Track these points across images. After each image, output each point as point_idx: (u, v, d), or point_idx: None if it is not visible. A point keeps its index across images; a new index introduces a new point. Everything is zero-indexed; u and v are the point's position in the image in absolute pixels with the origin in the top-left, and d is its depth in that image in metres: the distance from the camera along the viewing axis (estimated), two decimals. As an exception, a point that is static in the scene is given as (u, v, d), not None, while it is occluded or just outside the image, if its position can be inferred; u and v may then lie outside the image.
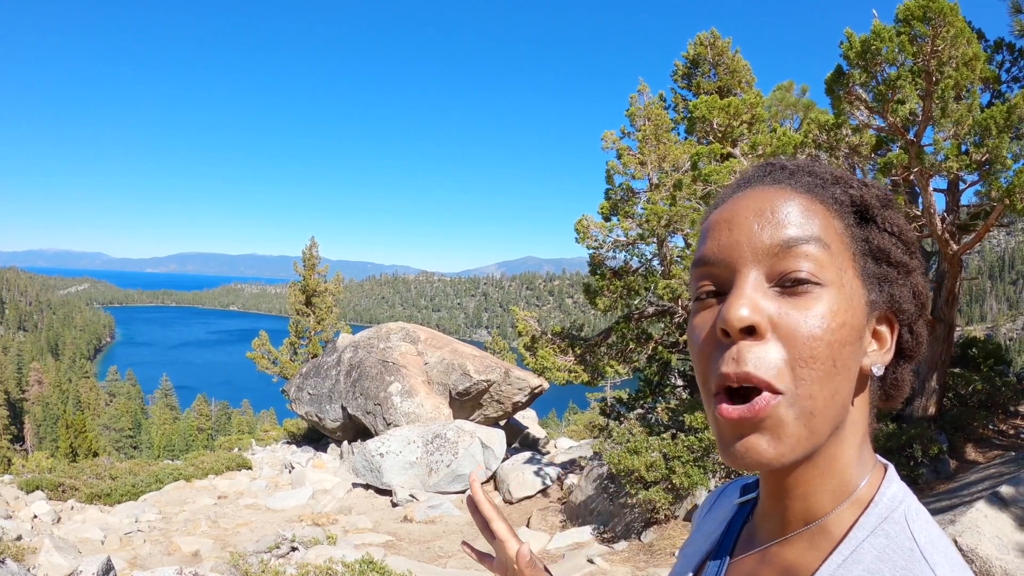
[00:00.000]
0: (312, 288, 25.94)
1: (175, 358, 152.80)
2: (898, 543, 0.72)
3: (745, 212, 0.78)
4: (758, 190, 0.80)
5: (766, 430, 0.71)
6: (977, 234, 8.80)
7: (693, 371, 3.77)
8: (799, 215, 0.75)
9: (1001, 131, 7.45)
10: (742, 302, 0.72)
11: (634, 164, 13.57)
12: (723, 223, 0.79)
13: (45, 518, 11.35)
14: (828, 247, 0.74)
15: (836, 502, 0.77)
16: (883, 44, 7.66)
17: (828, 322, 0.71)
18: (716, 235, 0.79)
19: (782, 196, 0.77)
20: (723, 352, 0.73)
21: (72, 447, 40.31)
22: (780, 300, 0.73)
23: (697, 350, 0.78)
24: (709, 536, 0.99)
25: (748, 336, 0.72)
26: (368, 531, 10.59)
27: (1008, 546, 5.38)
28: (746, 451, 0.72)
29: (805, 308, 0.72)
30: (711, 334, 0.76)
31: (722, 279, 0.77)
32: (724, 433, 0.74)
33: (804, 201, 0.77)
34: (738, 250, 0.76)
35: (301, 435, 21.04)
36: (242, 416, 63.05)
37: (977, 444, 9.34)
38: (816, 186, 0.79)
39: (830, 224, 0.76)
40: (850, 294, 0.74)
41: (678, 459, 8.88)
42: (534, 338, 13.35)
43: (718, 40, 14.86)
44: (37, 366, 75.12)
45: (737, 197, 0.81)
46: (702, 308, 0.79)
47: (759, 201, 0.78)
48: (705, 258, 0.79)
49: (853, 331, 0.74)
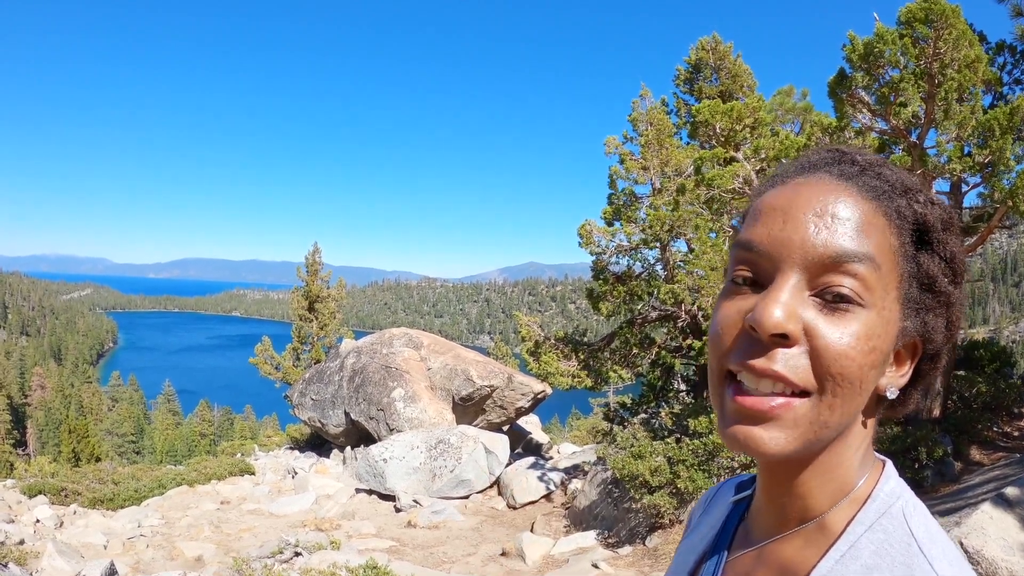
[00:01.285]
0: (315, 294, 25.93)
1: (178, 363, 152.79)
2: (896, 538, 0.73)
3: (804, 206, 0.74)
4: (823, 181, 0.76)
5: (775, 426, 0.71)
6: (980, 236, 8.79)
7: (696, 376, 3.80)
8: (859, 226, 0.72)
9: (1004, 133, 7.45)
10: (779, 307, 0.70)
11: (637, 169, 13.57)
12: (778, 211, 0.75)
13: (48, 523, 11.34)
14: (879, 268, 0.72)
15: (834, 501, 0.77)
16: (885, 46, 7.66)
17: (863, 345, 0.70)
18: (768, 222, 0.75)
19: (846, 198, 0.74)
20: (751, 343, 0.72)
21: (75, 452, 40.27)
22: (818, 311, 0.71)
23: (720, 331, 0.76)
24: (705, 535, 0.99)
25: (778, 341, 0.71)
26: (371, 536, 10.57)
27: (1014, 547, 5.37)
28: (746, 437, 0.72)
29: (842, 326, 0.70)
30: (740, 322, 0.74)
31: (763, 270, 0.75)
32: (731, 414, 0.74)
33: (867, 209, 0.73)
34: (788, 248, 0.73)
35: (304, 440, 21.03)
36: (245, 421, 63.06)
37: (981, 446, 9.31)
38: (883, 193, 0.75)
39: (886, 241, 0.73)
40: (887, 319, 0.72)
41: (682, 463, 8.86)
42: (537, 343, 13.36)
43: (720, 45, 14.89)
44: (40, 371, 75.12)
45: (799, 183, 0.77)
46: (736, 292, 0.77)
47: (821, 197, 0.74)
48: (751, 244, 0.76)
49: (882, 355, 0.72)
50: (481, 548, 9.90)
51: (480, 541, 10.31)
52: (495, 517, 11.67)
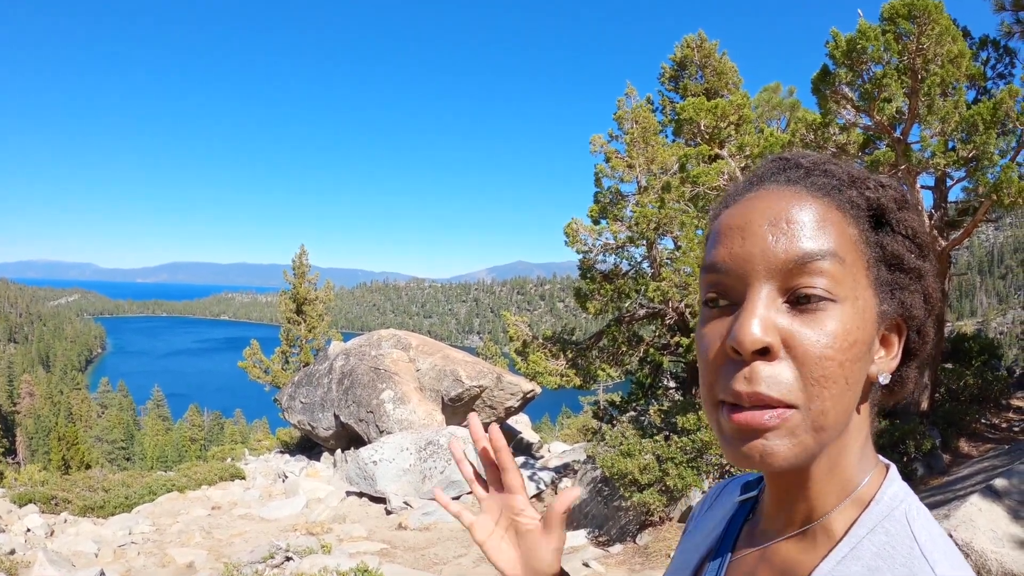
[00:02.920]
0: (303, 296, 25.85)
1: (167, 368, 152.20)
2: (898, 541, 0.72)
3: (759, 219, 0.74)
4: (772, 191, 0.77)
5: (775, 436, 0.71)
6: (965, 230, 8.85)
7: (685, 373, 3.79)
8: (815, 225, 0.73)
9: (988, 127, 7.49)
10: (754, 322, 0.70)
11: (622, 167, 13.58)
12: (735, 229, 0.76)
13: (38, 531, 11.27)
14: (843, 261, 0.72)
15: (838, 501, 0.78)
16: (869, 43, 7.70)
17: (840, 341, 0.70)
18: (728, 242, 0.76)
19: (797, 201, 0.74)
20: (734, 367, 0.72)
21: (64, 459, 40.01)
22: (792, 316, 0.71)
23: (706, 361, 0.76)
24: (709, 534, 0.99)
25: (760, 356, 0.71)
26: (362, 539, 10.55)
27: (1003, 539, 5.40)
28: (751, 452, 0.72)
29: (819, 326, 0.70)
30: (721, 347, 0.74)
31: (733, 290, 0.75)
32: (731, 437, 0.74)
33: (820, 208, 0.74)
34: (751, 263, 0.73)
35: (294, 444, 20.96)
36: (235, 426, 62.78)
37: (970, 438, 9.37)
38: (832, 188, 0.76)
39: (845, 232, 0.74)
40: (862, 307, 0.73)
41: (671, 461, 8.88)
42: (525, 343, 13.36)
43: (705, 42, 14.92)
44: (28, 378, 74.67)
45: (750, 198, 0.78)
46: (712, 317, 0.77)
47: (774, 207, 0.75)
48: (716, 266, 0.76)
49: (864, 346, 0.73)
50: (472, 549, 9.89)
51: (471, 542, 10.28)
52: (487, 518, 11.64)
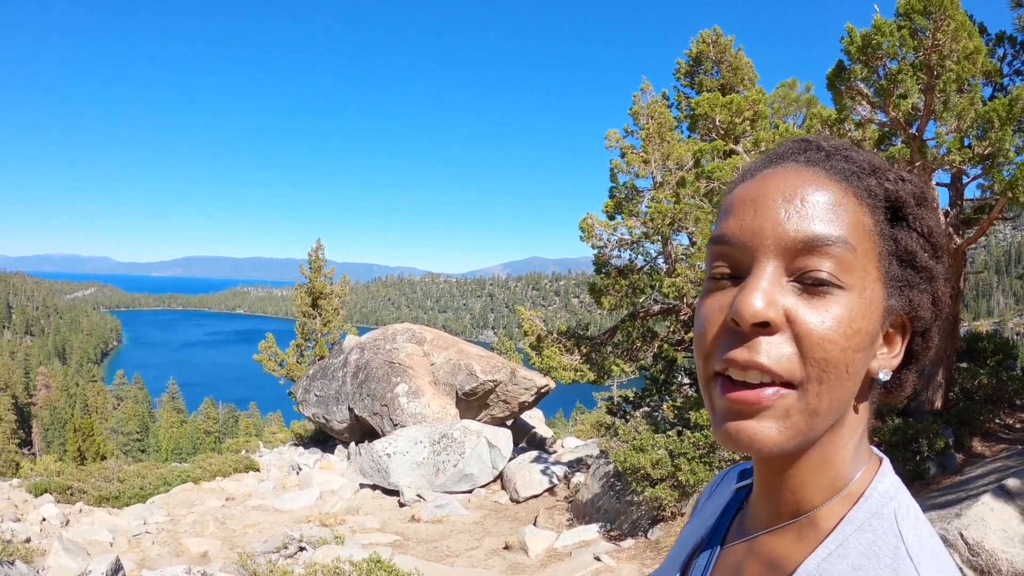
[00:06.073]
0: (318, 290, 25.94)
1: (182, 361, 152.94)
2: (885, 540, 0.72)
3: (773, 194, 0.74)
4: (790, 169, 0.76)
5: (767, 417, 0.70)
6: (980, 228, 8.79)
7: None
8: (829, 208, 0.72)
9: (1004, 124, 7.44)
10: (758, 295, 0.70)
11: (638, 162, 13.55)
12: (748, 202, 0.75)
13: (54, 521, 11.40)
14: (854, 249, 0.71)
15: (827, 496, 0.77)
16: (884, 38, 7.65)
17: (845, 327, 0.69)
18: (739, 214, 0.75)
19: (814, 182, 0.74)
20: (734, 337, 0.72)
21: (80, 450, 40.40)
22: (798, 296, 0.71)
23: (703, 330, 0.76)
24: (706, 521, 0.99)
25: (761, 330, 0.70)
26: (375, 531, 10.61)
27: (1014, 539, 5.38)
28: (738, 432, 0.71)
29: (823, 310, 0.70)
30: (721, 319, 0.74)
31: (740, 263, 0.74)
32: (721, 411, 0.73)
33: (836, 191, 0.73)
34: (760, 236, 0.73)
35: (308, 437, 21.07)
36: (249, 418, 63.13)
37: (983, 438, 9.31)
38: (851, 174, 0.75)
39: (859, 220, 0.73)
40: (870, 299, 0.72)
41: (684, 456, 8.89)
42: (540, 338, 13.36)
43: (720, 38, 14.87)
44: (44, 371, 75.44)
45: (767, 173, 0.77)
46: (716, 288, 0.76)
47: (790, 183, 0.74)
48: (725, 237, 0.76)
49: (867, 336, 0.72)
50: (484, 542, 9.94)
51: (483, 535, 10.34)
52: (498, 511, 11.70)
